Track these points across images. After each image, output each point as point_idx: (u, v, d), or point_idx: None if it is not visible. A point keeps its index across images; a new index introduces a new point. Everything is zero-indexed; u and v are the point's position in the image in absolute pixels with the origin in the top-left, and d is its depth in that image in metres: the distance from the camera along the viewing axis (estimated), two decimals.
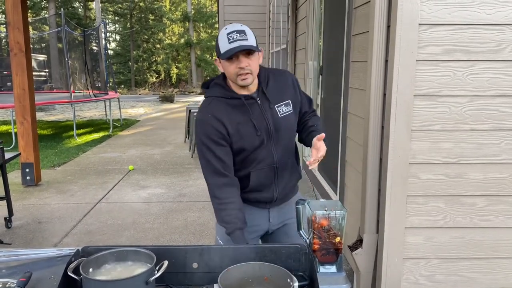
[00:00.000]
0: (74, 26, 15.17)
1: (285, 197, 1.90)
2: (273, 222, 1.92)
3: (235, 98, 1.74)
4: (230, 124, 1.72)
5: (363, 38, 2.63)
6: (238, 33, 1.64)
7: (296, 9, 5.84)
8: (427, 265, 2.27)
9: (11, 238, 3.88)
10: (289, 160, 1.86)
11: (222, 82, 1.78)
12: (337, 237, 1.44)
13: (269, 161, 1.78)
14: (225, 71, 1.72)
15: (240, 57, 1.65)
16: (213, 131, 1.72)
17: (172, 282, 1.38)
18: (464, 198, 2.20)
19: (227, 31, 1.66)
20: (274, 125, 1.76)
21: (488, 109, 2.12)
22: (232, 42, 1.63)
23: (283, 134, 1.79)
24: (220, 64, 1.74)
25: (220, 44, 1.68)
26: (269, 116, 1.76)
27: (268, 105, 1.77)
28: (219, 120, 1.72)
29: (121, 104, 13.16)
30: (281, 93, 1.81)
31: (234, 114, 1.74)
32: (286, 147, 1.82)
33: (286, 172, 1.85)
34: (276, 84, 1.82)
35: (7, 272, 1.30)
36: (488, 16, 2.04)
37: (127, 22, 33.16)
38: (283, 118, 1.78)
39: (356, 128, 2.82)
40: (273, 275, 1.29)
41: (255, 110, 1.75)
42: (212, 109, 1.75)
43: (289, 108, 1.81)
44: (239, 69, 1.66)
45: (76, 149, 8.21)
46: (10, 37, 5.25)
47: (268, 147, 1.77)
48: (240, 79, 1.68)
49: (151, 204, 4.87)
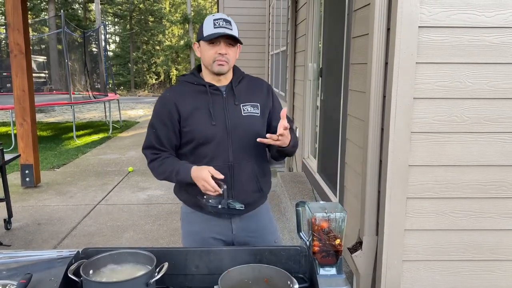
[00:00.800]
0: (74, 27, 15.17)
1: (245, 205, 1.77)
2: (237, 234, 1.86)
3: (200, 85, 1.77)
4: (184, 108, 1.74)
5: (363, 40, 2.64)
6: (225, 21, 1.70)
7: (296, 11, 5.85)
8: (427, 267, 2.27)
9: (10, 239, 3.88)
10: (249, 163, 1.79)
11: (196, 71, 1.84)
12: (337, 239, 1.44)
13: (224, 157, 1.73)
14: (203, 55, 1.75)
15: (221, 43, 1.69)
16: (163, 110, 1.76)
17: (172, 284, 1.39)
18: (464, 201, 2.20)
19: (214, 17, 1.71)
20: (234, 122, 1.74)
21: (488, 112, 2.12)
22: (217, 28, 1.68)
23: (243, 133, 1.75)
24: (198, 49, 1.78)
25: (204, 28, 1.71)
26: (231, 112, 1.75)
27: (233, 101, 1.77)
28: (174, 101, 1.75)
29: (121, 105, 13.16)
30: (250, 95, 1.81)
31: (193, 99, 1.75)
32: (245, 148, 1.77)
33: (244, 175, 1.78)
34: (247, 86, 1.84)
35: (7, 274, 1.30)
36: (488, 19, 2.05)
37: (126, 24, 33.18)
38: (246, 117, 1.77)
39: (355, 130, 2.82)
40: (273, 277, 1.30)
41: (217, 101, 1.75)
42: (173, 90, 1.81)
43: (256, 110, 1.79)
44: (218, 54, 1.69)
45: (75, 150, 8.21)
46: (10, 39, 5.25)
47: (223, 144, 1.73)
48: (217, 64, 1.71)
49: (150, 205, 4.87)
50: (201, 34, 1.73)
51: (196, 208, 1.84)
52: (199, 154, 1.76)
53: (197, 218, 1.85)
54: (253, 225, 1.88)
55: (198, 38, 1.76)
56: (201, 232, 1.85)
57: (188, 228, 1.90)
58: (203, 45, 1.73)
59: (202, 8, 32.56)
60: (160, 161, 1.77)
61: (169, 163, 1.76)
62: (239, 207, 1.68)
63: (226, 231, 1.85)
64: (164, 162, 1.76)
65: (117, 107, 12.59)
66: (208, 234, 1.83)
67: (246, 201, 1.79)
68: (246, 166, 1.79)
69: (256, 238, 1.89)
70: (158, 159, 1.78)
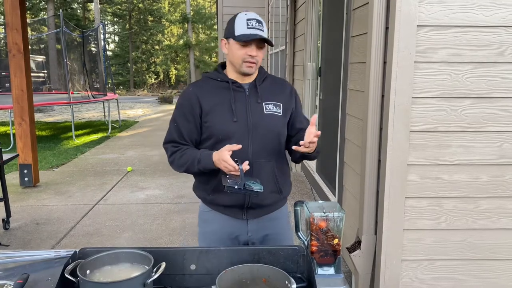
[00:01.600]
0: (73, 27, 15.16)
1: (263, 206, 1.79)
2: (252, 236, 1.83)
3: (223, 81, 1.76)
4: (207, 102, 1.73)
5: (362, 39, 2.63)
6: (258, 22, 1.68)
7: (295, 10, 5.84)
8: (426, 267, 2.27)
9: (8, 239, 3.87)
10: (269, 163, 1.76)
11: (220, 68, 1.82)
12: (335, 239, 1.44)
13: (243, 155, 1.67)
14: (232, 53, 1.72)
15: (253, 45, 1.68)
16: (186, 104, 1.75)
17: (170, 284, 1.38)
18: (462, 200, 2.20)
19: (247, 16, 1.68)
20: (255, 120, 1.72)
21: (486, 111, 2.12)
22: (250, 29, 1.66)
23: (264, 132, 1.73)
24: (226, 45, 1.74)
25: (236, 26, 1.68)
26: (253, 109, 1.73)
27: (256, 99, 1.75)
28: (197, 95, 1.74)
29: (120, 105, 13.15)
30: (273, 94, 1.79)
31: (215, 94, 1.74)
32: (265, 147, 1.74)
33: (263, 174, 1.74)
34: (271, 85, 1.82)
35: (4, 274, 1.30)
36: (486, 18, 2.04)
37: (126, 23, 33.16)
38: (268, 116, 1.74)
39: (354, 130, 2.82)
40: (271, 277, 1.29)
41: (239, 98, 1.74)
42: (196, 85, 1.80)
43: (278, 110, 1.77)
44: (249, 56, 1.68)
45: (74, 150, 8.20)
46: (8, 38, 5.24)
47: (243, 142, 1.69)
48: (246, 65, 1.70)
49: (149, 205, 4.86)
50: (232, 32, 1.69)
51: (212, 207, 1.83)
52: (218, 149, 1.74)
53: (213, 217, 1.83)
54: (269, 228, 1.84)
55: (227, 35, 1.72)
56: (218, 232, 1.83)
57: (204, 228, 1.89)
58: (233, 43, 1.69)
59: (201, 8, 32.53)
60: (181, 152, 1.75)
61: (190, 153, 1.73)
62: (257, 189, 1.59)
63: (242, 231, 1.82)
64: (185, 153, 1.74)
65: (116, 107, 12.58)
66: (225, 234, 1.81)
67: (265, 202, 1.78)
68: (265, 165, 1.76)
69: (270, 240, 1.85)
70: (179, 151, 1.76)
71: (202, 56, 31.18)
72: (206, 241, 1.87)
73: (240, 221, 1.81)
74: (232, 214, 1.79)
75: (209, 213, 1.84)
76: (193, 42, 30.11)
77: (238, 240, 1.83)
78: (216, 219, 1.82)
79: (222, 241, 1.80)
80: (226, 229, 1.81)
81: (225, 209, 1.79)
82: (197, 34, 31.97)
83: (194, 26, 31.15)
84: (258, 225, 1.82)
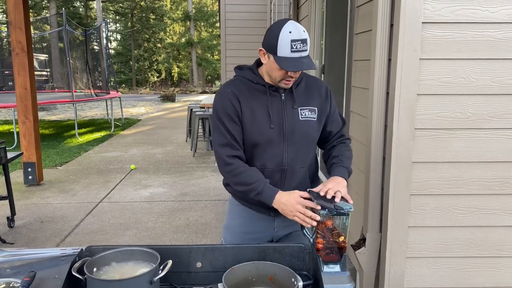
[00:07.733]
0: (75, 25, 15.16)
1: None
2: (278, 233, 1.86)
3: (260, 84, 1.71)
4: (245, 105, 1.68)
5: (366, 36, 2.62)
6: (302, 42, 1.58)
7: (298, 8, 5.83)
8: (431, 264, 2.26)
9: (13, 237, 3.89)
10: (302, 169, 1.77)
11: (255, 68, 1.76)
12: (341, 237, 1.44)
13: (277, 161, 1.70)
14: (270, 68, 1.66)
15: None
16: (229, 105, 1.68)
17: (176, 281, 1.38)
18: (468, 197, 2.19)
19: (291, 36, 1.56)
20: (291, 126, 1.70)
21: (492, 108, 2.11)
22: (294, 52, 1.57)
23: (299, 138, 1.72)
24: (265, 56, 1.66)
25: (279, 45, 1.57)
26: (289, 115, 1.70)
27: (291, 105, 1.71)
28: (237, 97, 1.69)
29: (123, 103, 13.17)
30: (309, 98, 1.76)
31: (252, 98, 1.70)
32: (299, 153, 1.74)
33: (295, 179, 1.76)
34: (306, 88, 1.78)
35: (11, 272, 1.30)
36: (492, 14, 2.03)
37: (128, 22, 33.15)
38: (304, 122, 1.72)
39: (359, 127, 2.81)
40: (277, 274, 1.29)
41: (276, 103, 1.71)
42: (234, 85, 1.73)
43: (313, 115, 1.74)
44: (288, 76, 1.64)
45: (77, 148, 8.22)
46: (11, 37, 5.25)
47: (279, 146, 1.70)
48: (284, 83, 1.67)
49: (153, 203, 4.87)
50: (273, 48, 1.59)
51: (241, 201, 1.85)
52: (254, 155, 1.72)
53: (242, 211, 1.85)
54: (295, 226, 1.83)
55: (267, 49, 1.63)
56: (243, 225, 1.85)
57: (231, 220, 1.91)
58: (273, 61, 1.61)
59: (203, 5, 32.52)
60: (239, 169, 1.68)
61: (252, 177, 1.66)
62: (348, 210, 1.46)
63: (268, 228, 1.84)
64: (246, 173, 1.67)
65: (118, 105, 12.59)
66: (249, 229, 1.83)
67: None
68: (299, 172, 1.76)
69: (295, 236, 1.85)
70: (237, 167, 1.68)
71: (204, 54, 31.16)
72: (229, 233, 1.90)
73: (267, 217, 1.82)
74: (260, 210, 1.81)
75: (237, 206, 1.87)
76: (195, 40, 30.11)
77: (263, 236, 1.85)
78: (244, 214, 1.85)
79: (245, 236, 1.83)
80: (253, 224, 1.83)
81: (253, 205, 1.80)
82: (199, 32, 31.97)
83: (196, 24, 31.14)
84: (284, 223, 1.82)
